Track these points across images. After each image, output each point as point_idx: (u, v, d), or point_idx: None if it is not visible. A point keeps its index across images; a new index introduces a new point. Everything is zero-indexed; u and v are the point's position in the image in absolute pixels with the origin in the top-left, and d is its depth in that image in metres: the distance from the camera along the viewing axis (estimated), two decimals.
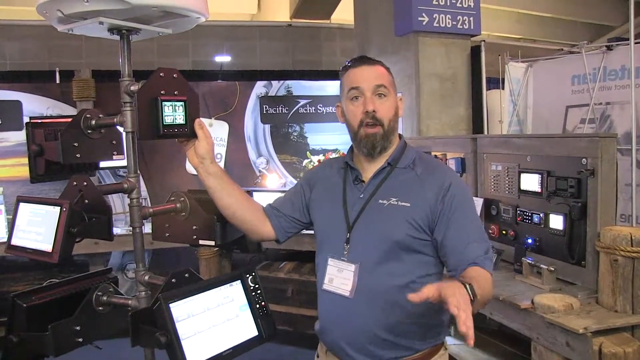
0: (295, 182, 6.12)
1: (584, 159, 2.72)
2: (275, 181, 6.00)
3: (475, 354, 3.55)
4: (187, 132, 1.64)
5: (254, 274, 1.71)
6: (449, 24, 5.20)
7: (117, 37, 1.67)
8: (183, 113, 1.61)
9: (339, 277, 1.73)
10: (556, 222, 2.94)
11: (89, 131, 1.68)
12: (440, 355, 1.77)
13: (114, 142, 1.75)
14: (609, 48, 4.75)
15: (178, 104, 1.59)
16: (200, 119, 1.70)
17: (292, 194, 1.95)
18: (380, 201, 1.72)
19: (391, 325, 1.67)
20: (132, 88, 1.60)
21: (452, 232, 1.66)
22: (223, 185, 1.77)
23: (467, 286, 1.39)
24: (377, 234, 1.70)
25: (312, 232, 2.01)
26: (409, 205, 1.68)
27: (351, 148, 1.86)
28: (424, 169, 1.75)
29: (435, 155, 3.83)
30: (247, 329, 1.60)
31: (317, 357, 1.92)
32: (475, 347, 3.61)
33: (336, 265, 1.75)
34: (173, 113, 1.58)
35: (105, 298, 1.74)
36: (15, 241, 1.64)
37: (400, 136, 1.84)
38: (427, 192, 1.69)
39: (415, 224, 1.67)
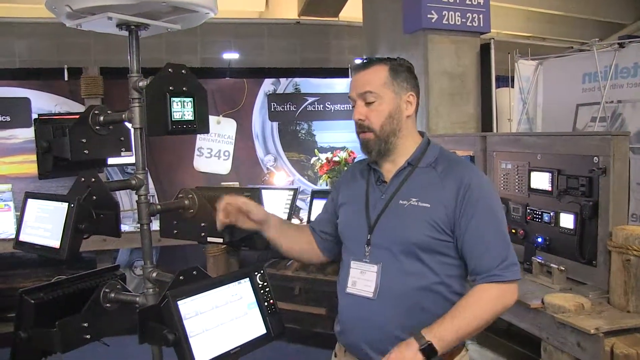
0: (302, 179, 6.14)
1: (595, 158, 2.68)
2: (283, 179, 5.98)
3: (484, 353, 3.53)
4: (195, 128, 1.63)
5: (262, 271, 1.70)
6: (458, 21, 5.16)
7: (126, 33, 1.66)
8: (192, 109, 1.60)
9: (361, 280, 1.73)
10: (567, 221, 2.90)
11: (97, 127, 1.68)
12: (461, 356, 1.75)
13: (122, 138, 1.75)
14: (621, 45, 4.70)
15: (187, 99, 1.58)
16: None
17: (328, 206, 2.00)
18: (401, 202, 1.71)
19: (412, 326, 1.64)
20: (141, 84, 1.60)
21: (470, 236, 1.65)
22: (281, 232, 1.87)
23: (423, 347, 1.52)
24: (397, 236, 1.69)
25: None
26: (429, 205, 1.67)
27: None
28: (444, 167, 1.73)
29: None
30: (255, 327, 1.59)
31: (335, 356, 1.90)
32: (483, 346, 3.59)
33: (359, 267, 1.74)
34: (182, 109, 1.57)
35: (112, 295, 1.74)
36: (23, 237, 1.64)
37: (422, 134, 1.83)
38: (447, 192, 1.67)
39: (435, 224, 1.65)
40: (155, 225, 1.72)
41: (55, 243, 1.52)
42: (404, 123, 1.76)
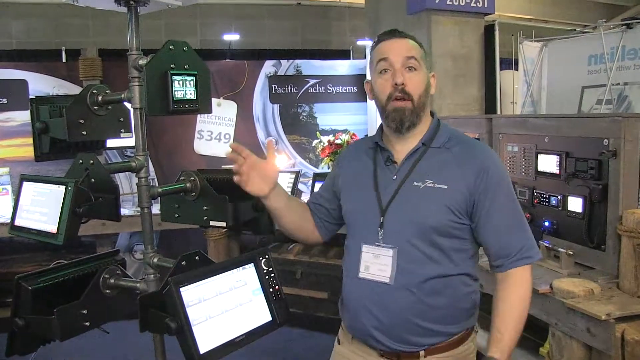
0: (304, 162, 6.08)
1: (605, 140, 2.63)
2: (284, 162, 5.92)
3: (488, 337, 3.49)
4: (198, 108, 1.57)
5: (267, 256, 1.64)
6: (462, 1, 5.07)
7: (125, 9, 1.60)
8: (194, 88, 1.53)
9: (375, 264, 1.66)
10: (575, 204, 2.85)
11: (95, 107, 1.62)
12: (472, 339, 1.74)
13: (122, 119, 1.69)
14: (629, 26, 4.62)
15: (189, 78, 1.52)
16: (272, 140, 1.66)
17: (327, 186, 1.91)
18: (415, 183, 1.65)
19: (429, 312, 1.61)
20: (141, 62, 1.53)
21: (491, 221, 1.62)
22: (286, 203, 1.78)
23: None
24: (413, 218, 1.63)
25: None
26: (446, 187, 1.61)
27: (381, 127, 1.79)
28: (460, 149, 1.68)
29: None
30: (260, 313, 1.54)
31: (339, 343, 1.86)
32: (487, 331, 3.55)
33: (371, 251, 1.67)
34: (183, 88, 1.51)
35: (112, 281, 1.68)
36: (19, 222, 1.59)
37: (432, 114, 1.77)
38: (466, 174, 1.62)
39: (453, 208, 1.60)
40: (156, 208, 1.66)
41: (52, 227, 1.47)
42: (429, 101, 1.72)
